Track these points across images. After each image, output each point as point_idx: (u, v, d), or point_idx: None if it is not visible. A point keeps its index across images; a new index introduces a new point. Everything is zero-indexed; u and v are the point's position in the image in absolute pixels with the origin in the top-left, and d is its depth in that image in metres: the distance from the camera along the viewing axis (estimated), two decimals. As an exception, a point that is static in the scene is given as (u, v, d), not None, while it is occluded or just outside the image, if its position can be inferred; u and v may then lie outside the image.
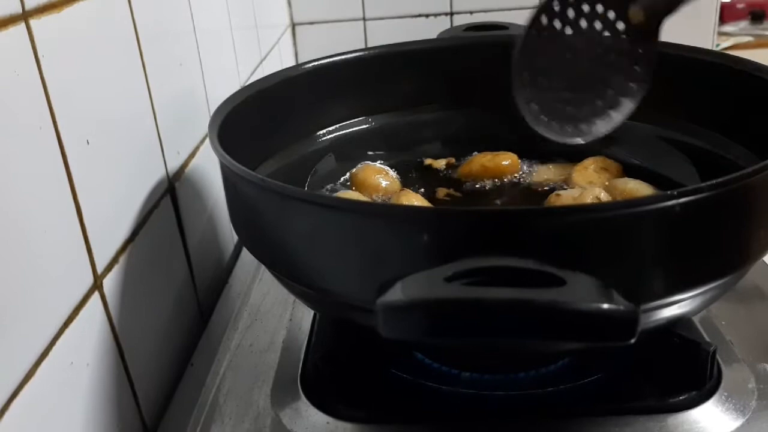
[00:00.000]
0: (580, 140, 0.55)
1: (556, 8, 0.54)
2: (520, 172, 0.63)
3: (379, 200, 0.59)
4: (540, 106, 0.56)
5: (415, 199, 0.56)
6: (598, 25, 0.54)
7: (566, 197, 0.55)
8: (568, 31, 0.55)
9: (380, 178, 0.60)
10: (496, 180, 0.63)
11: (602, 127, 0.55)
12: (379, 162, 0.65)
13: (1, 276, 0.33)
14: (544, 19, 0.54)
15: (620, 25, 0.54)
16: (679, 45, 0.57)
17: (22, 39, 0.36)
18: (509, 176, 0.63)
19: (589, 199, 0.55)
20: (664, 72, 0.58)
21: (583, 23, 0.54)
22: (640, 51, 0.54)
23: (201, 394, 0.48)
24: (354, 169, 0.62)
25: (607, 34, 0.54)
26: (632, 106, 0.55)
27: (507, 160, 0.63)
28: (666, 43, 0.58)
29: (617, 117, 0.55)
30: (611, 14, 0.54)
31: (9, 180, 0.34)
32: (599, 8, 0.54)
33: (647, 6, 0.52)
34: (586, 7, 0.54)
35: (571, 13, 0.54)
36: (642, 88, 0.55)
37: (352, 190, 0.61)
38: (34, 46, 0.36)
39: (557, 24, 0.55)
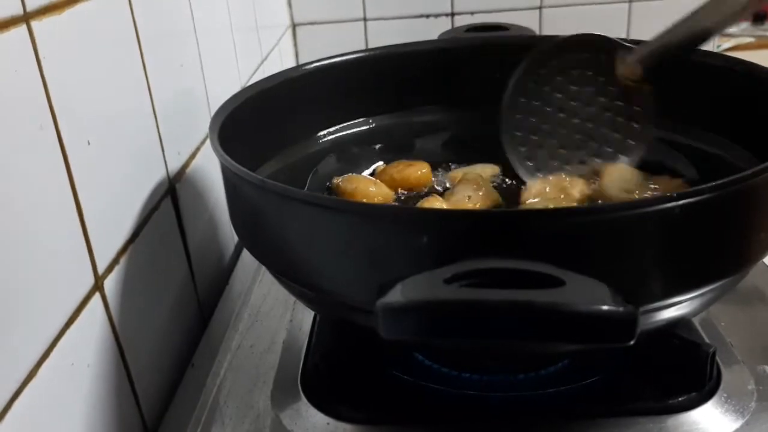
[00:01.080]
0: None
1: (541, 71, 0.54)
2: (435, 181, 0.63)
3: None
4: (535, 163, 0.56)
5: (438, 204, 0.56)
6: (590, 89, 0.54)
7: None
8: (558, 93, 0.55)
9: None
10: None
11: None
12: (380, 162, 0.65)
13: (2, 277, 0.33)
14: (530, 84, 0.55)
15: (611, 87, 0.54)
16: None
17: (23, 40, 0.36)
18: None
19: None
20: (665, 74, 0.58)
21: (574, 86, 0.55)
22: (636, 109, 0.54)
23: (201, 395, 0.48)
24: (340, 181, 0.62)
25: (601, 96, 0.54)
26: (635, 159, 0.54)
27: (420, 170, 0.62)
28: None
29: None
30: (600, 78, 0.54)
31: (10, 180, 0.34)
32: (589, 73, 0.54)
33: (631, 64, 0.52)
34: (576, 71, 0.54)
35: (559, 78, 0.55)
36: (641, 146, 0.54)
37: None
38: (35, 47, 0.37)
39: (545, 87, 0.55)
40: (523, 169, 0.56)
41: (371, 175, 0.65)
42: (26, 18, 0.36)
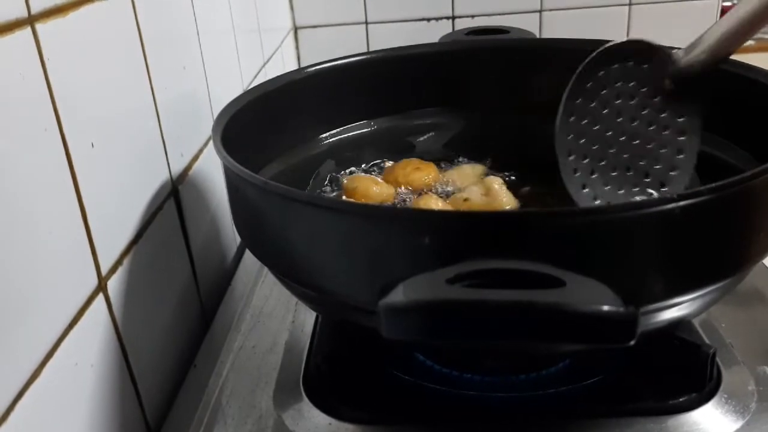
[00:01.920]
0: None
1: (588, 86, 0.51)
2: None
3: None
4: (591, 189, 0.53)
5: (433, 203, 0.56)
6: (634, 101, 0.51)
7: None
8: (604, 110, 0.52)
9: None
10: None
11: None
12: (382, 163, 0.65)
13: (6, 277, 0.33)
14: (577, 100, 0.52)
15: (656, 99, 0.50)
16: (681, 49, 0.58)
17: (27, 42, 0.36)
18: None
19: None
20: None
21: (618, 101, 0.51)
22: (679, 120, 0.50)
23: (204, 396, 0.48)
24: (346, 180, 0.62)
25: (645, 110, 0.51)
26: (686, 178, 0.50)
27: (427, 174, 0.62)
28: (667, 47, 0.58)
29: (673, 191, 0.50)
30: (645, 89, 0.50)
31: (15, 182, 0.34)
32: (632, 84, 0.51)
33: (677, 74, 0.49)
34: (619, 84, 0.51)
35: (604, 92, 0.51)
36: (691, 158, 0.50)
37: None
38: (39, 49, 0.37)
39: (592, 104, 0.52)
40: (580, 196, 0.53)
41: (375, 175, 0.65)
42: (31, 20, 0.36)
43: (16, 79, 0.35)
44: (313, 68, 0.61)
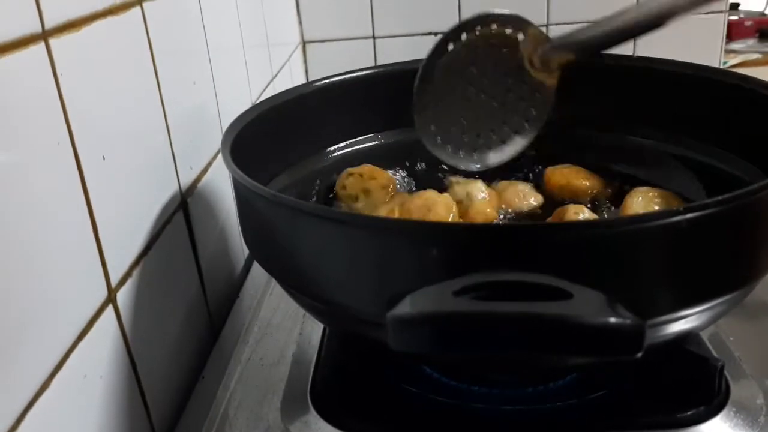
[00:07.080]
0: (473, 167, 0.58)
1: (464, 41, 0.56)
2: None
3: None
4: (437, 129, 0.58)
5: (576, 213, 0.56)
6: (502, 66, 0.56)
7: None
8: (473, 69, 0.57)
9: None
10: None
11: (494, 158, 0.58)
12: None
13: (17, 289, 0.33)
14: (451, 49, 0.56)
15: (522, 73, 0.56)
16: (686, 63, 0.58)
17: (41, 57, 0.37)
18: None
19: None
20: (672, 89, 0.59)
21: (490, 63, 0.56)
22: (538, 95, 0.56)
23: (212, 407, 0.48)
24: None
25: (510, 78, 0.57)
26: (524, 143, 0.58)
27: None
28: (673, 61, 0.59)
29: (509, 151, 0.58)
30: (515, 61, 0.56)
31: (27, 194, 0.35)
32: (504, 50, 0.56)
33: (544, 57, 0.54)
34: (494, 50, 0.56)
35: (479, 52, 0.56)
36: (534, 129, 0.57)
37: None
38: (53, 64, 0.37)
39: (464, 58, 0.56)
40: (425, 134, 0.58)
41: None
42: (45, 36, 0.37)
43: (30, 92, 0.35)
44: (321, 82, 0.62)
